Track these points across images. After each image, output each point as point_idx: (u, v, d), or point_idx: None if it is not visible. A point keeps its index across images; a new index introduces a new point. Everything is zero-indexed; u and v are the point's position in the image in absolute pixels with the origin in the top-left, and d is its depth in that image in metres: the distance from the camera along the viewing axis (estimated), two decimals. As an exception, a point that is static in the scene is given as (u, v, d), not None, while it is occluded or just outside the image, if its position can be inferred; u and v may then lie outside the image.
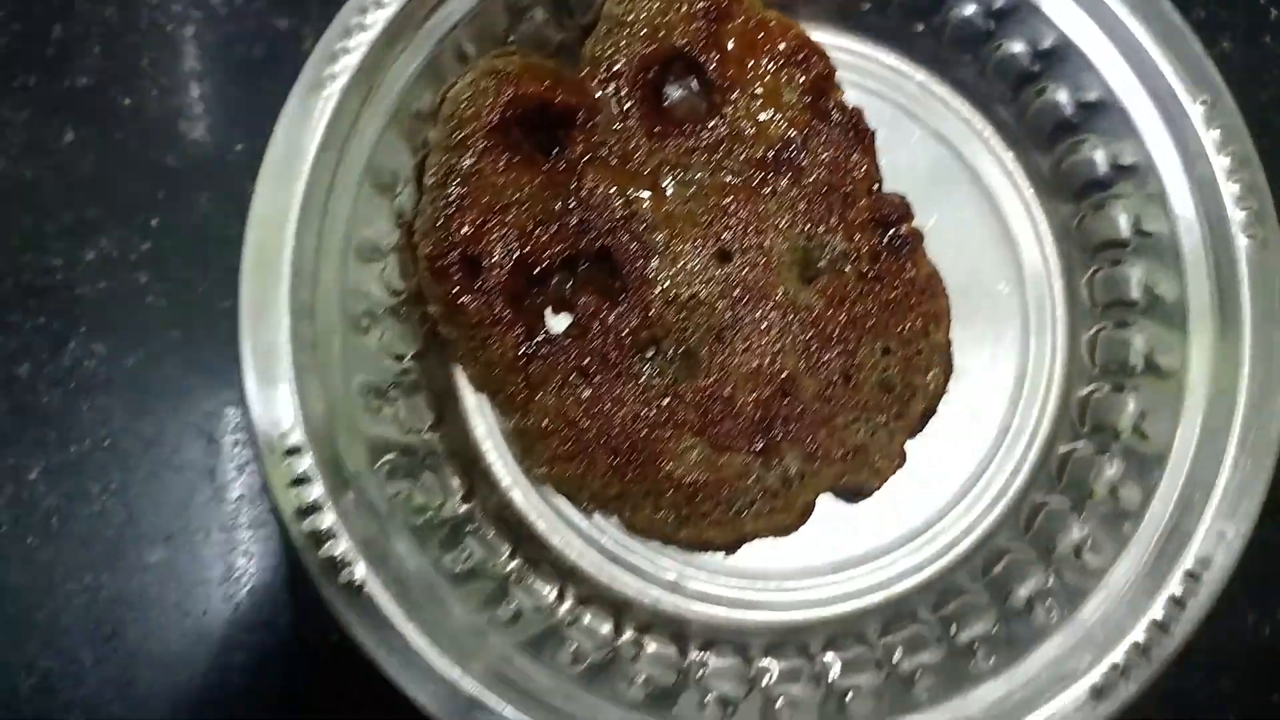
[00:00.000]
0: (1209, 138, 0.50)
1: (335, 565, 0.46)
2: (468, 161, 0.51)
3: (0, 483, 0.53)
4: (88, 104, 0.55)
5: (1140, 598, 0.48)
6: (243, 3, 0.56)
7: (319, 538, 0.46)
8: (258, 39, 0.55)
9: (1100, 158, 0.53)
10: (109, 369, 0.54)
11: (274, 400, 0.47)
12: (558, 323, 0.53)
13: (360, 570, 0.46)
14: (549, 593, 0.51)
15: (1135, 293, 0.52)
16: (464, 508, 0.51)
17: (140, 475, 0.54)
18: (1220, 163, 0.50)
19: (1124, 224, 0.53)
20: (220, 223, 0.55)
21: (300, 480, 0.46)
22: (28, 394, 0.54)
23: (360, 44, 0.48)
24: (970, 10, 0.53)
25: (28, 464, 0.53)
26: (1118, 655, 0.47)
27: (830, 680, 0.50)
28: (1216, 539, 0.48)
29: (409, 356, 0.52)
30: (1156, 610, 0.47)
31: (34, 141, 0.55)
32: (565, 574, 0.52)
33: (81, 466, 0.53)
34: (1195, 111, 0.50)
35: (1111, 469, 0.51)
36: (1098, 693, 0.46)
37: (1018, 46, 0.53)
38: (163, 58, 0.55)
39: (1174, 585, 0.47)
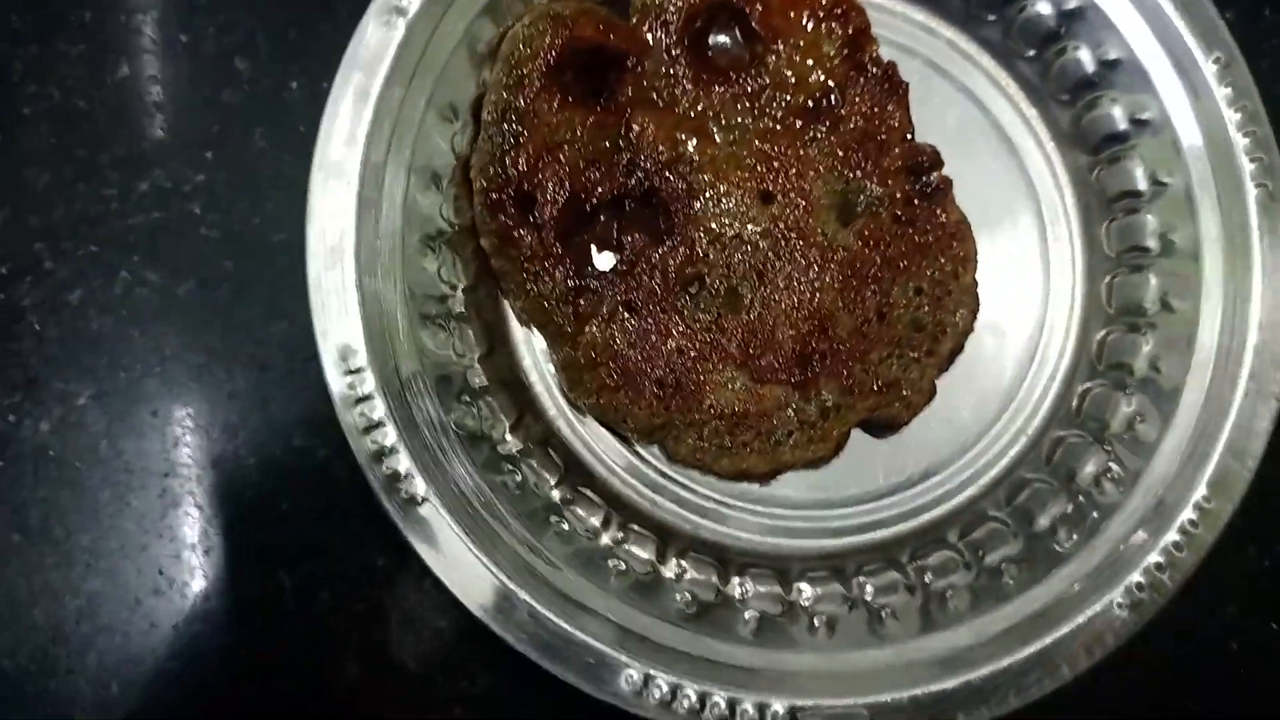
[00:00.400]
0: (1221, 94, 0.53)
1: (396, 480, 0.48)
2: (524, 100, 0.52)
3: (50, 406, 0.54)
4: (143, 40, 0.56)
5: (1159, 520, 0.51)
6: (300, -56, 0.57)
7: (381, 454, 0.48)
8: (315, -22, 0.57)
9: (1119, 113, 0.56)
10: (161, 297, 0.55)
11: (338, 324, 0.48)
12: (603, 260, 0.55)
13: (420, 485, 0.48)
14: (594, 519, 0.53)
15: (1150, 240, 0.55)
16: (513, 436, 0.53)
17: (188, 401, 0.55)
18: (1231, 117, 0.53)
19: (1140, 175, 0.56)
20: (275, 157, 0.56)
21: (364, 399, 0.48)
22: (79, 320, 0.54)
23: (428, -21, 0.50)
24: (997, -29, 0.57)
25: (77, 390, 0.54)
26: (1138, 574, 0.50)
27: (866, 600, 0.52)
28: (1226, 470, 0.51)
29: (462, 287, 0.53)
30: (1173, 532, 0.50)
31: (89, 74, 0.56)
32: (610, 501, 0.54)
33: (132, 393, 0.54)
34: (1209, 70, 0.53)
35: (1128, 405, 0.54)
36: (1121, 607, 0.49)
37: (1042, 7, 0.56)
38: (219, -4, 0.57)
39: (1189, 511, 0.50)
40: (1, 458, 0.53)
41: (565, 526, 0.51)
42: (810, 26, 0.55)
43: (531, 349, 0.56)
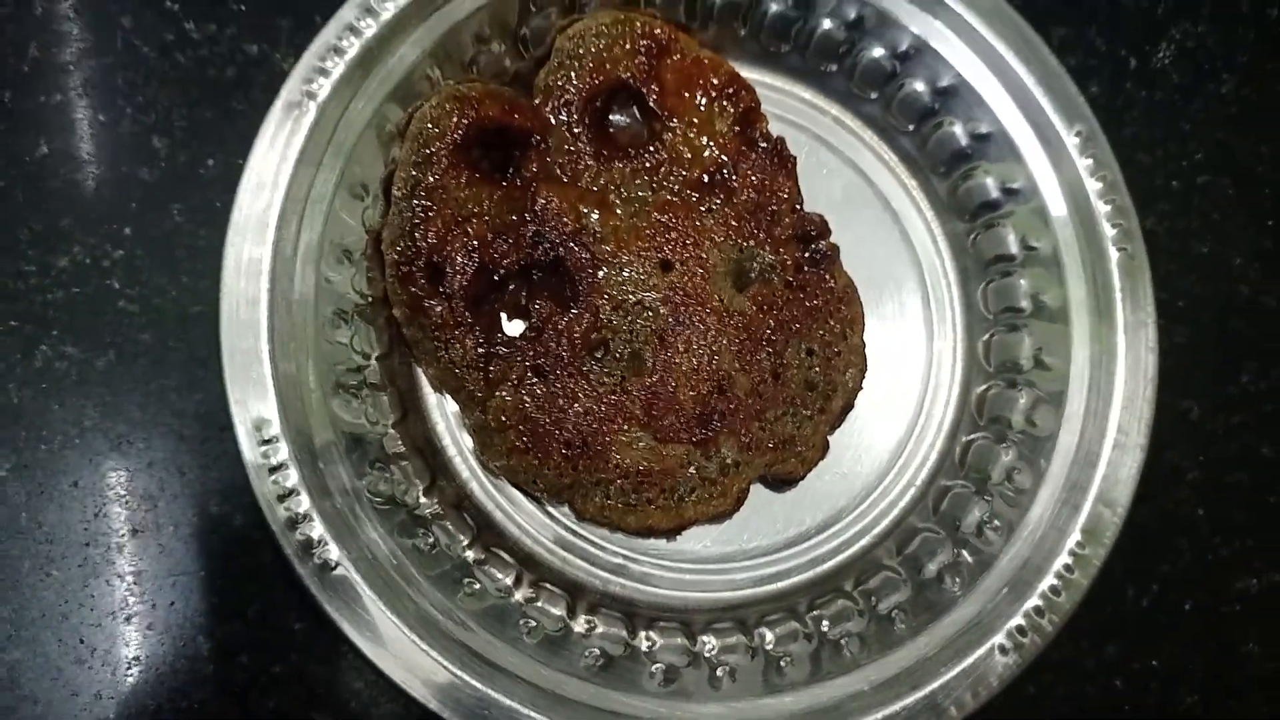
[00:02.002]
0: (1083, 164, 0.58)
1: (310, 546, 0.50)
2: (433, 176, 0.55)
3: (-34, 482, 0.55)
4: (63, 119, 0.58)
5: (1037, 567, 0.54)
6: (215, 29, 0.59)
7: (295, 521, 0.50)
8: (230, 62, 0.59)
9: (991, 183, 0.60)
10: (80, 370, 0.56)
11: (252, 394, 0.50)
12: (512, 327, 0.57)
13: (333, 551, 0.50)
14: (506, 578, 0.55)
15: (1024, 301, 0.60)
16: (426, 498, 0.55)
17: (107, 471, 0.56)
18: (1093, 186, 0.58)
19: (1013, 240, 0.60)
20: (191, 232, 0.58)
21: (277, 468, 0.50)
22: (-1, 394, 0.56)
23: (338, 66, 0.53)
24: (877, 53, 0.60)
25: (-2, 461, 0.55)
26: (1019, 618, 0.53)
27: (766, 650, 0.55)
28: (1098, 518, 0.55)
29: (375, 356, 0.55)
30: (1050, 578, 0.54)
31: (8, 152, 0.57)
32: (522, 560, 0.57)
33: (52, 464, 0.55)
34: (1072, 142, 0.58)
35: (1007, 456, 0.58)
36: (1004, 650, 0.52)
37: (919, 85, 0.60)
38: (137, 78, 0.58)
39: (1064, 557, 0.54)
40: (-86, 538, 0.54)
41: (477, 586, 0.54)
42: (704, 105, 0.59)
43: (444, 413, 0.58)
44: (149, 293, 0.57)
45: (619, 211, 0.58)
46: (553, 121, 0.58)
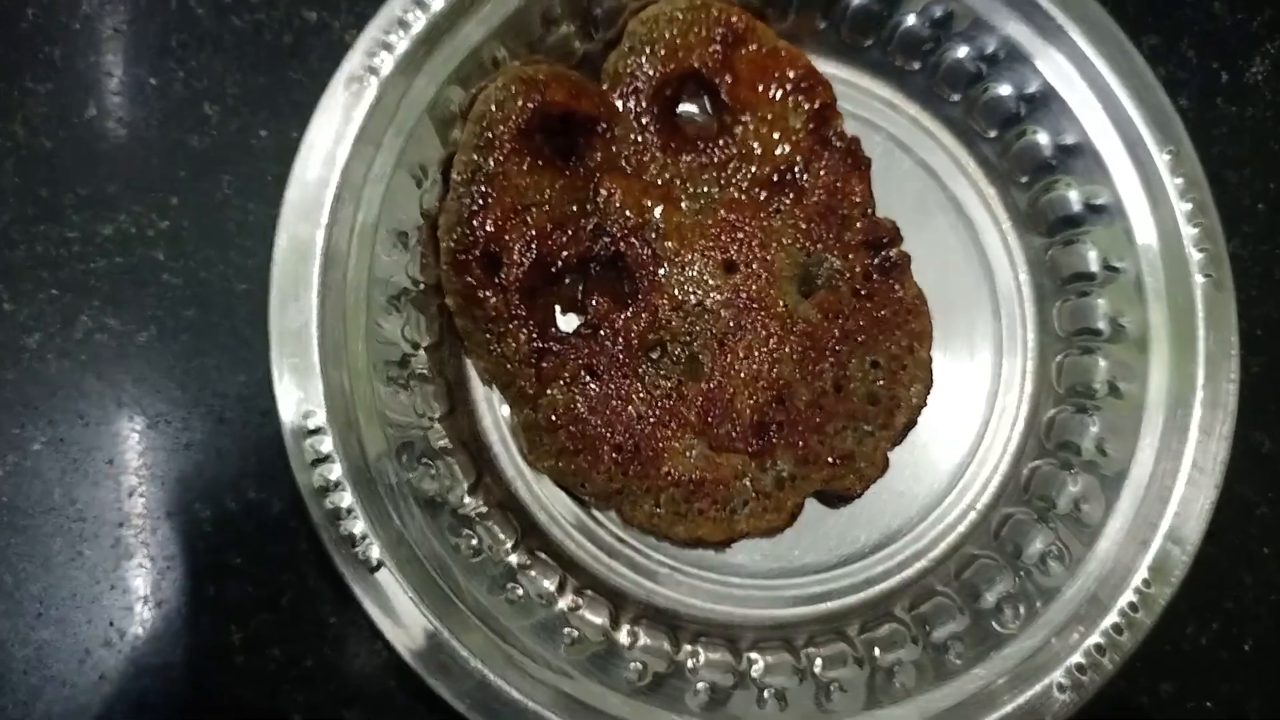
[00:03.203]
0: (1173, 185, 0.55)
1: (352, 543, 0.48)
2: (493, 162, 0.53)
3: (3, 451, 0.53)
4: (112, 81, 0.56)
5: (1100, 603, 0.52)
6: (274, -8, 0.57)
7: (337, 515, 0.48)
8: (286, 28, 0.57)
9: (1074, 197, 0.57)
10: (120, 344, 0.54)
11: (298, 380, 0.48)
12: (566, 322, 0.55)
13: (376, 549, 0.48)
14: (549, 584, 0.54)
15: (1101, 322, 0.57)
16: (470, 498, 0.53)
17: (144, 449, 0.54)
18: (1182, 208, 0.55)
19: (1093, 259, 0.57)
20: (240, 206, 0.56)
21: (321, 460, 0.48)
22: (36, 363, 0.54)
23: (402, 40, 0.50)
24: (963, 53, 0.57)
25: (32, 435, 0.53)
26: (1079, 655, 0.51)
27: (815, 673, 0.53)
28: (1167, 555, 0.52)
29: (425, 347, 0.53)
30: (1114, 615, 0.52)
31: (56, 114, 0.55)
32: (565, 565, 0.55)
33: (87, 440, 0.54)
34: (1162, 160, 0.55)
35: (1074, 485, 0.56)
36: (1061, 688, 0.50)
37: (1005, 90, 0.58)
38: (191, 40, 0.56)
39: (1130, 593, 0.52)
40: (-50, 503, 0.53)
41: (520, 592, 0.52)
42: (778, 99, 0.56)
43: (492, 409, 0.56)
44: (195, 266, 0.55)
45: (684, 207, 0.55)
46: (620, 109, 0.55)
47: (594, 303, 0.55)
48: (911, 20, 0.57)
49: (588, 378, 0.54)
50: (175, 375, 0.54)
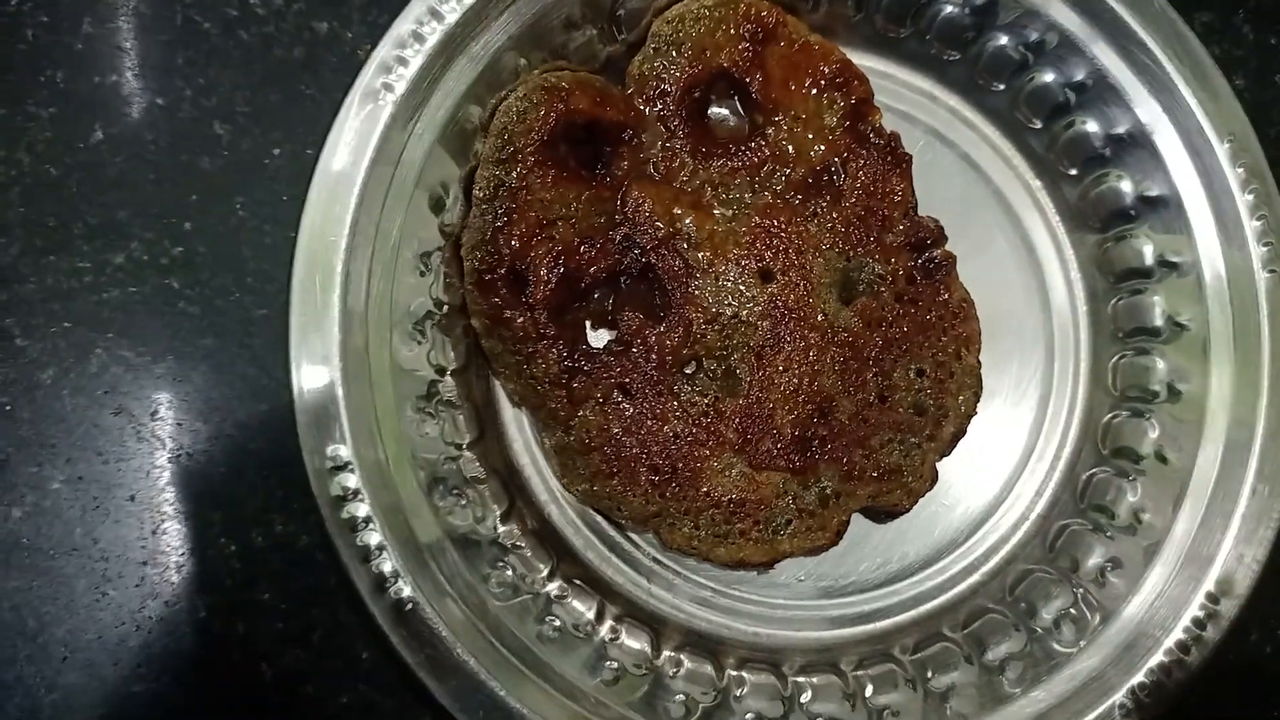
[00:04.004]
0: (1234, 175, 0.52)
1: (384, 582, 0.46)
2: (516, 175, 0.50)
3: (22, 491, 0.52)
4: (118, 102, 0.53)
5: (1163, 619, 0.50)
6: (282, 4, 0.54)
7: (368, 554, 0.46)
8: (297, 41, 0.54)
9: (1127, 189, 0.54)
10: (137, 376, 0.53)
11: (322, 413, 0.47)
12: (598, 338, 0.53)
13: (407, 588, 0.46)
14: (588, 612, 0.52)
15: (1158, 321, 0.54)
16: (503, 526, 0.51)
17: (165, 485, 0.53)
18: (1244, 200, 0.52)
19: (1148, 254, 0.54)
20: (255, 227, 0.53)
21: (347, 496, 0.46)
22: (52, 400, 0.52)
23: (417, 55, 0.48)
24: (1005, 41, 0.54)
25: (50, 474, 0.52)
26: (1141, 674, 0.49)
27: (866, 697, 0.51)
28: (1236, 562, 0.50)
29: (451, 371, 0.51)
30: (1179, 632, 0.49)
31: (61, 139, 0.53)
32: (603, 592, 0.53)
33: (107, 477, 0.52)
34: (1222, 150, 0.52)
35: (1134, 494, 0.53)
36: (1125, 710, 0.48)
37: (1050, 77, 0.55)
38: (198, 57, 0.54)
39: (1195, 608, 0.50)
40: (-30, 546, 0.51)
41: (558, 624, 0.50)
42: (812, 97, 0.53)
43: (523, 432, 0.54)
44: (210, 294, 0.53)
45: (716, 214, 0.53)
46: (647, 114, 0.53)
47: (625, 318, 0.52)
48: (950, 8, 0.54)
49: (621, 397, 0.52)
50: (195, 407, 0.53)
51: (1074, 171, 0.56)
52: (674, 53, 0.53)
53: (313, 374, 0.47)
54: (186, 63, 0.54)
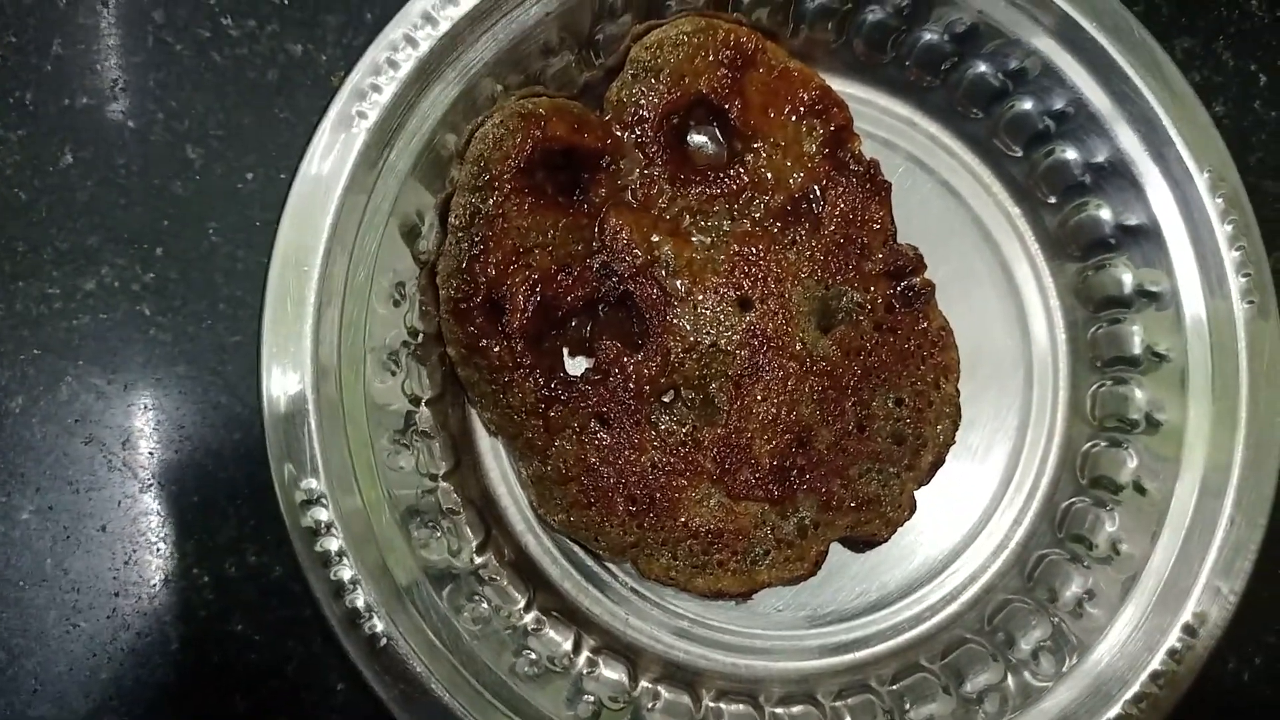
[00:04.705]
0: (1213, 206, 0.52)
1: (357, 617, 0.46)
2: (493, 203, 0.50)
3: (-9, 522, 0.51)
4: (88, 125, 0.53)
5: (1140, 650, 0.50)
6: (255, 26, 0.54)
7: (339, 589, 0.46)
8: (271, 63, 0.54)
9: (1107, 218, 0.54)
10: (108, 405, 0.52)
11: (294, 445, 0.46)
12: (575, 365, 0.53)
13: (380, 623, 0.46)
14: (565, 643, 0.51)
15: (1137, 350, 0.54)
16: (479, 556, 0.51)
17: (137, 515, 0.52)
18: (1223, 231, 0.52)
19: (1128, 283, 0.54)
20: (228, 253, 0.53)
21: (319, 530, 0.46)
22: (21, 429, 0.51)
23: (392, 82, 0.47)
24: (985, 69, 0.54)
25: (20, 504, 0.51)
26: (1118, 707, 0.49)
27: (844, 728, 0.51)
28: (1213, 595, 0.50)
29: (426, 400, 0.51)
30: (1156, 663, 0.49)
31: (30, 162, 0.52)
32: (580, 623, 0.52)
33: (78, 507, 0.51)
34: (1201, 180, 0.52)
35: (1111, 523, 0.53)
36: (1102, 743, 0.48)
37: (1030, 105, 0.54)
38: (170, 79, 0.53)
39: (1172, 639, 0.50)
40: (-62, 576, 0.51)
41: (534, 656, 0.49)
42: (792, 123, 0.53)
43: (499, 461, 0.54)
44: (183, 320, 0.52)
45: (695, 242, 0.53)
46: (625, 140, 0.52)
47: (603, 346, 0.52)
48: (930, 35, 0.54)
49: (598, 426, 0.51)
50: (167, 435, 0.52)
51: (1053, 200, 0.56)
52: (652, 79, 0.52)
53: (284, 404, 0.46)
54: (158, 85, 0.53)
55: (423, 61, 0.48)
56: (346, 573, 0.46)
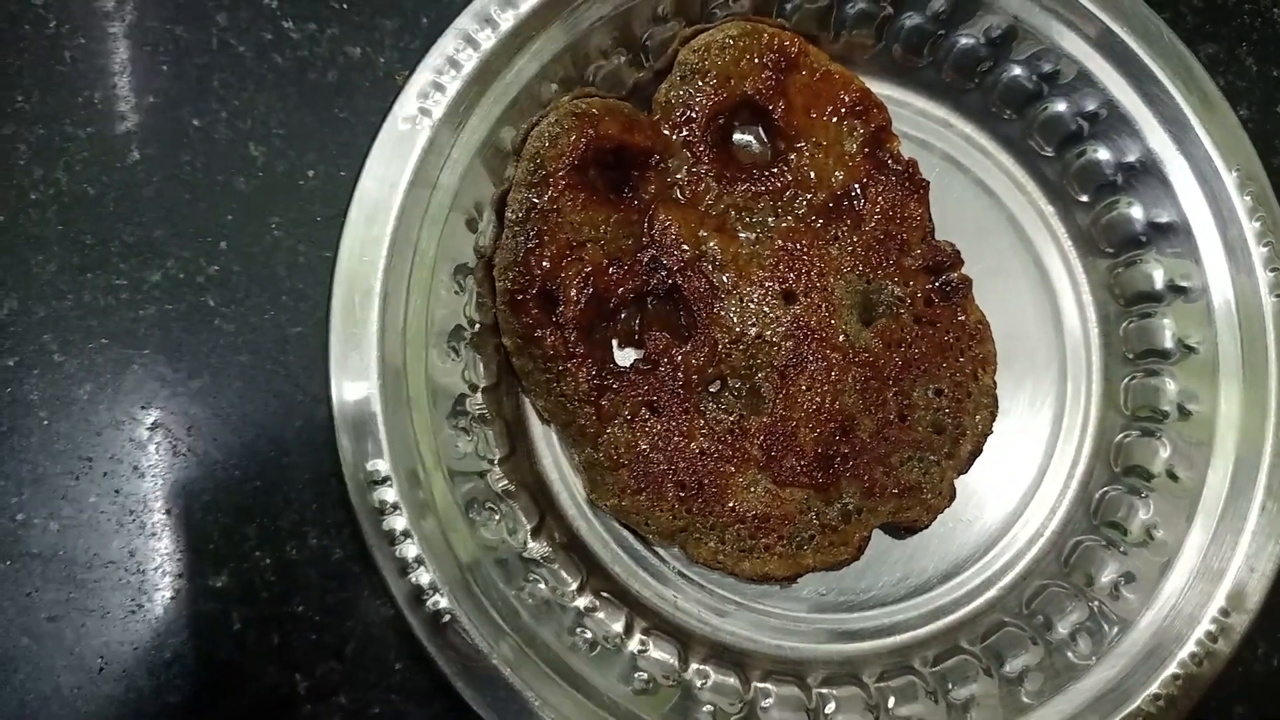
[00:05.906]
0: (1241, 203, 0.54)
1: (420, 594, 0.47)
2: (547, 199, 0.52)
3: (57, 505, 0.52)
4: (154, 123, 0.54)
5: (1176, 632, 0.51)
6: (315, 29, 0.56)
7: (404, 566, 0.47)
8: (331, 65, 0.56)
9: (1138, 216, 0.56)
10: (173, 392, 0.53)
11: (361, 428, 0.48)
12: (624, 356, 0.54)
13: (444, 599, 0.47)
14: (616, 625, 0.53)
15: (1168, 343, 0.56)
16: (534, 540, 0.52)
17: (202, 497, 0.53)
18: (1251, 227, 0.54)
19: (1158, 279, 0.56)
20: (290, 247, 0.54)
21: (385, 510, 0.47)
22: (89, 414, 0.53)
23: (454, 81, 0.49)
24: (1019, 72, 0.56)
25: (87, 488, 0.53)
26: (1156, 686, 0.50)
27: (888, 709, 0.52)
28: (1247, 576, 0.51)
29: (483, 388, 0.53)
30: (1192, 644, 0.51)
31: (98, 159, 0.54)
32: (631, 605, 0.54)
33: (143, 491, 0.53)
34: (1230, 178, 0.54)
35: (1145, 511, 0.55)
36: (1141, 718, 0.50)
37: (1063, 107, 0.56)
38: (233, 79, 0.55)
39: (1207, 622, 0.51)
40: (8, 558, 0.52)
41: (589, 635, 0.51)
42: (833, 124, 0.55)
43: (552, 448, 0.55)
44: (245, 311, 0.54)
45: (740, 237, 0.54)
46: (673, 140, 0.54)
47: (652, 337, 0.54)
48: (966, 40, 0.56)
49: (648, 414, 0.53)
50: (231, 423, 0.53)
51: (1085, 198, 0.58)
52: (699, 80, 0.54)
53: (352, 390, 0.48)
54: (222, 85, 0.55)
55: (483, 62, 0.50)
56: (411, 551, 0.47)
